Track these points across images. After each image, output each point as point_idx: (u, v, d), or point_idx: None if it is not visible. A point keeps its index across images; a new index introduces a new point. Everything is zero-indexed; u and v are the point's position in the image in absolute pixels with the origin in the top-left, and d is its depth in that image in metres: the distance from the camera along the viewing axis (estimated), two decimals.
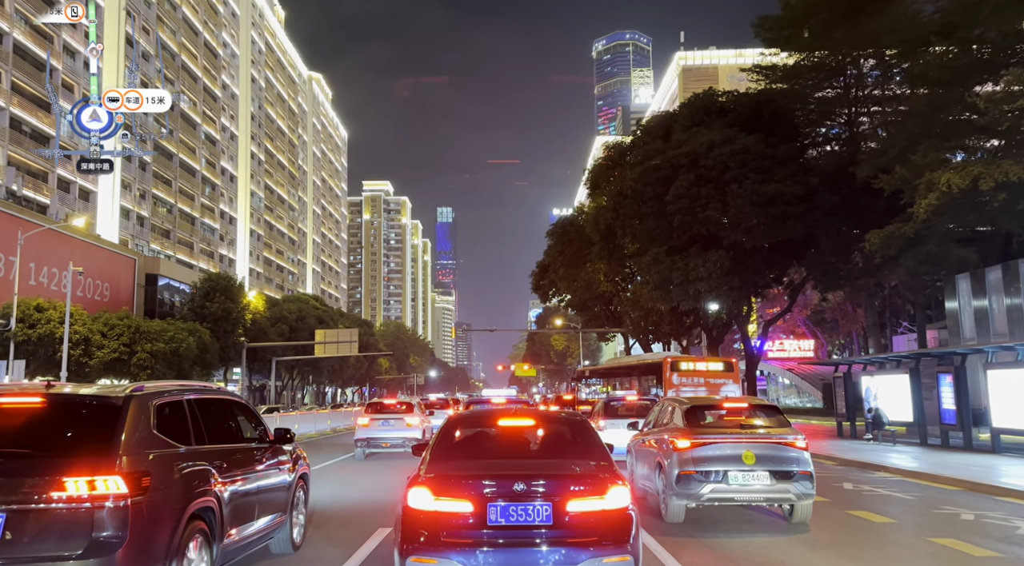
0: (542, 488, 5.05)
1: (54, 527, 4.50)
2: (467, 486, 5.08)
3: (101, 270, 50.53)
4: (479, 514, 4.97)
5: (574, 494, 5.05)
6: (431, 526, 4.99)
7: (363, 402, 73.32)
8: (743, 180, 24.01)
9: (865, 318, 47.80)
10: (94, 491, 4.53)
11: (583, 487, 5.11)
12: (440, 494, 5.05)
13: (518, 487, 5.02)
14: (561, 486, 5.09)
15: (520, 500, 5.00)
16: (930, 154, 17.58)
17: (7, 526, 4.41)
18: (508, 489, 5.01)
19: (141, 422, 5.09)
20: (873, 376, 22.19)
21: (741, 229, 24.07)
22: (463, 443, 6.04)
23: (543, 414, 6.59)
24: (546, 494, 5.03)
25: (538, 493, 5.03)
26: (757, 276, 27.22)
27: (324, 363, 71.40)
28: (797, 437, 9.45)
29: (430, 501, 5.04)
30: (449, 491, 5.07)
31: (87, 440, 4.87)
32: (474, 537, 4.95)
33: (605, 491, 5.09)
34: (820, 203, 23.78)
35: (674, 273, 25.05)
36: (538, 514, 4.98)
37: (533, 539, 4.96)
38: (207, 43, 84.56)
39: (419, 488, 5.12)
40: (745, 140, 25.00)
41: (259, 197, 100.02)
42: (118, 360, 39.02)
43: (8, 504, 4.44)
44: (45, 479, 4.52)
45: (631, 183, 26.63)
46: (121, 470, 4.64)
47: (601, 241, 29.83)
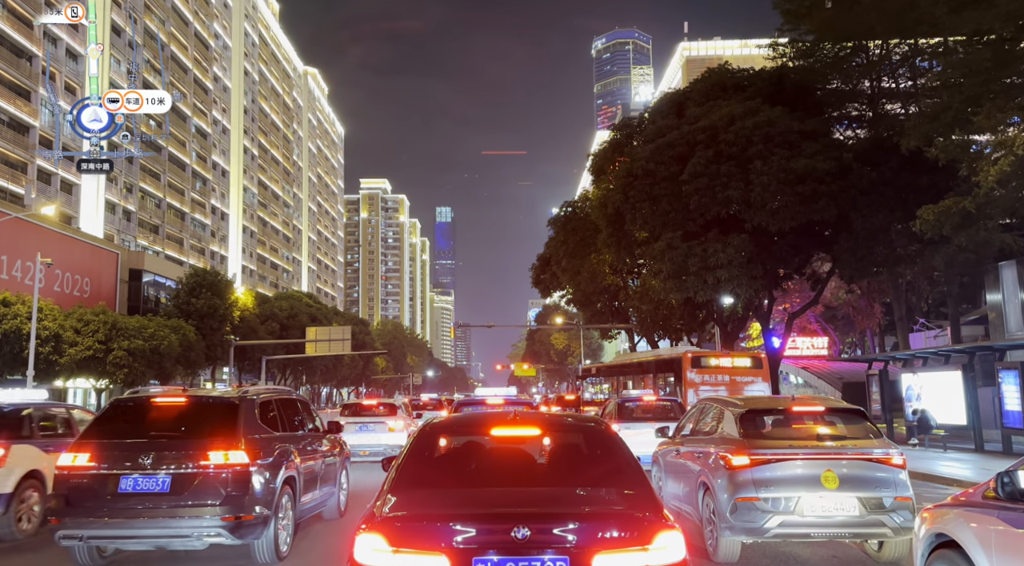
0: (556, 535, 3.40)
1: (203, 484, 6.60)
2: (441, 532, 3.42)
3: (80, 264, 48.11)
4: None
5: (603, 543, 3.37)
6: None
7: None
8: (768, 156, 21.61)
9: (882, 314, 45.44)
10: (227, 461, 6.66)
11: (617, 532, 3.42)
12: (400, 544, 3.38)
13: (519, 534, 3.38)
14: (584, 532, 3.41)
15: (522, 554, 3.34)
16: (996, 115, 15.29)
17: (172, 484, 6.58)
18: (504, 536, 3.38)
19: (251, 415, 7.33)
20: (916, 373, 19.84)
21: (766, 210, 21.62)
22: (442, 462, 4.33)
23: (552, 420, 4.73)
24: (561, 546, 3.37)
25: (549, 543, 3.38)
26: (781, 263, 24.75)
27: (317, 362, 69.04)
28: (891, 451, 7.08)
29: (386, 556, 3.36)
30: (414, 540, 3.40)
31: (218, 426, 6.95)
32: None
33: (650, 539, 3.41)
34: (854, 181, 21.34)
35: (691, 260, 22.60)
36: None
37: None
38: (198, 33, 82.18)
39: (370, 535, 3.45)
40: (770, 112, 22.58)
41: (252, 193, 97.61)
42: (92, 358, 36.59)
43: (171, 470, 6.62)
44: (195, 452, 6.68)
45: (642, 162, 24.18)
46: (243, 447, 6.79)
47: (608, 227, 27.38)
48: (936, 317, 43.35)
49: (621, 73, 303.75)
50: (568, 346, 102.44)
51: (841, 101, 27.47)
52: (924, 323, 39.32)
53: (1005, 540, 3.96)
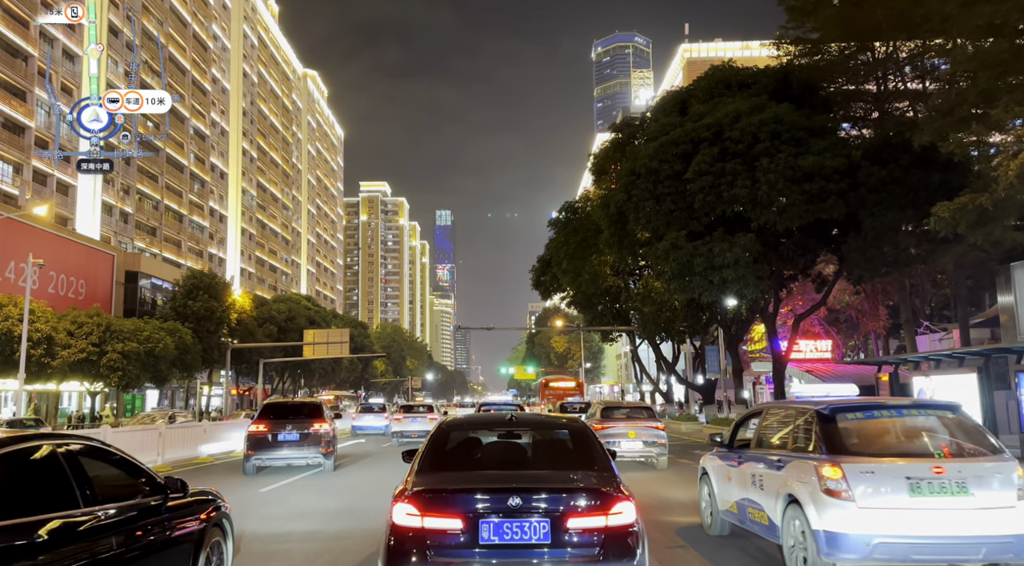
0: (540, 503, 4.65)
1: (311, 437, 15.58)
2: (457, 501, 4.68)
3: (76, 266, 47.57)
4: (470, 532, 4.58)
5: (575, 510, 4.63)
6: (418, 545, 4.59)
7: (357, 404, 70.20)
8: (775, 153, 21.03)
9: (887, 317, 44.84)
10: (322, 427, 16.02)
11: (585, 501, 4.68)
12: (427, 511, 4.64)
13: (513, 502, 4.60)
14: (561, 502, 4.67)
15: (516, 516, 4.60)
16: (1014, 108, 14.74)
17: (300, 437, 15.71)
18: (502, 504, 4.61)
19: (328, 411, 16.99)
20: (929, 377, 19.24)
21: (773, 209, 21.06)
22: (454, 452, 5.52)
23: (538, 420, 6.32)
24: (545, 510, 4.63)
25: (536, 509, 4.63)
26: (788, 264, 24.16)
27: (316, 365, 68.45)
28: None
29: (416, 518, 4.63)
30: (437, 507, 4.66)
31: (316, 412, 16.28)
32: (465, 557, 4.58)
33: (610, 506, 4.66)
34: (863, 178, 20.75)
35: (696, 260, 22.02)
36: (535, 531, 4.60)
37: (530, 559, 4.56)
38: (196, 35, 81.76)
39: (404, 504, 4.70)
40: (777, 108, 22.01)
41: (251, 195, 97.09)
42: (86, 361, 36.05)
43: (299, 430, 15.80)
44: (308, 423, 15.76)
45: (645, 160, 23.60)
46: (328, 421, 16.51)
47: (611, 227, 26.78)
48: (939, 320, 42.85)
49: (621, 77, 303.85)
50: (568, 349, 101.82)
51: (847, 100, 26.89)
52: (928, 326, 38.72)
53: (715, 465, 8.28)
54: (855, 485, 5.58)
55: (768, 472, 6.71)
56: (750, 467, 7.17)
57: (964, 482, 5.60)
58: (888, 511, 5.51)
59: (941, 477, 5.59)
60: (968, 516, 5.51)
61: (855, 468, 5.65)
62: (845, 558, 5.55)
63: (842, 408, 6.40)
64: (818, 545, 5.60)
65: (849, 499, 5.54)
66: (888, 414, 6.62)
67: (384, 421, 30.52)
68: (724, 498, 7.84)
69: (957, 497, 5.56)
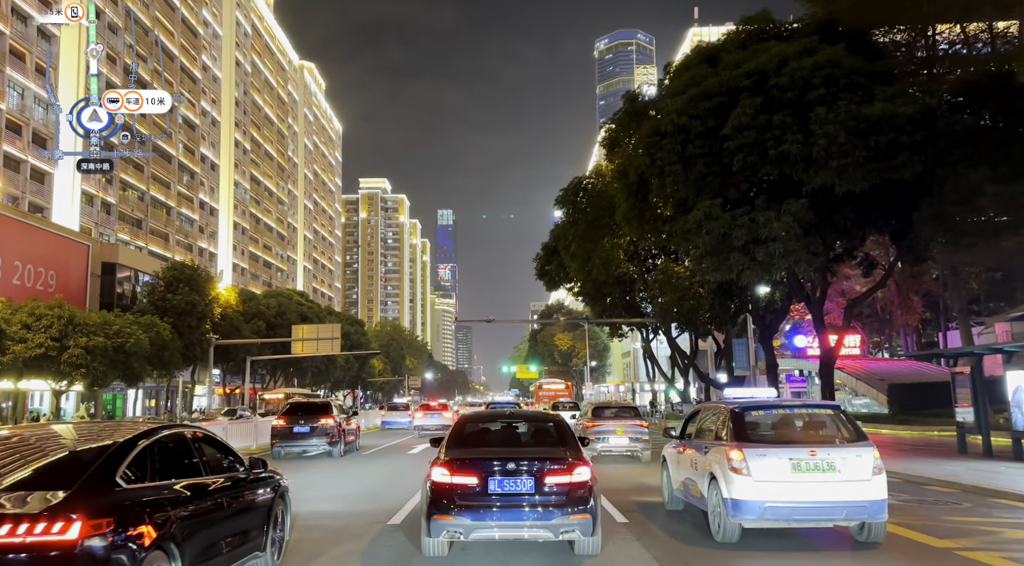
0: (528, 467, 7.07)
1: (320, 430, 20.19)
2: (474, 465, 7.15)
3: (45, 256, 44.07)
4: (483, 485, 7.04)
5: (550, 471, 7.06)
6: (449, 494, 7.06)
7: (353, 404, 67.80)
8: (833, 101, 17.47)
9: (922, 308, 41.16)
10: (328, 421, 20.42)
11: (557, 466, 7.09)
12: (455, 472, 7.10)
13: (510, 466, 7.07)
14: (541, 465, 7.09)
15: (512, 475, 7.03)
16: None
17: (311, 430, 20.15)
18: (503, 467, 7.07)
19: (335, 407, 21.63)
20: None
21: (830, 169, 17.43)
22: (471, 435, 8.11)
23: (529, 414, 8.94)
24: (530, 471, 7.05)
25: (525, 470, 7.05)
26: (845, 237, 20.46)
27: (308, 363, 64.91)
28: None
29: (447, 476, 7.09)
30: (461, 469, 7.12)
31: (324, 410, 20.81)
32: (479, 501, 7.01)
33: (573, 469, 7.08)
34: (944, 128, 17.09)
35: (735, 232, 18.40)
36: (524, 485, 7.02)
37: (521, 503, 6.96)
38: (185, 19, 78.31)
39: (439, 468, 7.18)
40: (831, 50, 18.41)
41: (244, 188, 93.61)
42: (44, 356, 32.50)
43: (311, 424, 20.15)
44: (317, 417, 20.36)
45: (672, 116, 19.92)
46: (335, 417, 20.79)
47: (630, 199, 23.15)
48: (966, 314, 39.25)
49: (624, 74, 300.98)
50: (573, 347, 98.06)
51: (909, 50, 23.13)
52: (977, 318, 35.11)
53: (670, 452, 10.35)
54: (752, 464, 7.60)
55: (699, 457, 8.69)
56: (690, 453, 9.19)
57: (832, 462, 7.59)
58: (776, 483, 7.55)
59: (814, 458, 7.59)
60: (834, 487, 7.54)
61: (753, 452, 7.70)
62: (745, 518, 7.65)
63: (749, 407, 8.49)
64: (727, 509, 7.68)
65: (747, 475, 7.57)
66: (783, 412, 8.89)
67: (407, 417, 37.05)
68: (676, 478, 9.79)
69: (827, 473, 7.57)
